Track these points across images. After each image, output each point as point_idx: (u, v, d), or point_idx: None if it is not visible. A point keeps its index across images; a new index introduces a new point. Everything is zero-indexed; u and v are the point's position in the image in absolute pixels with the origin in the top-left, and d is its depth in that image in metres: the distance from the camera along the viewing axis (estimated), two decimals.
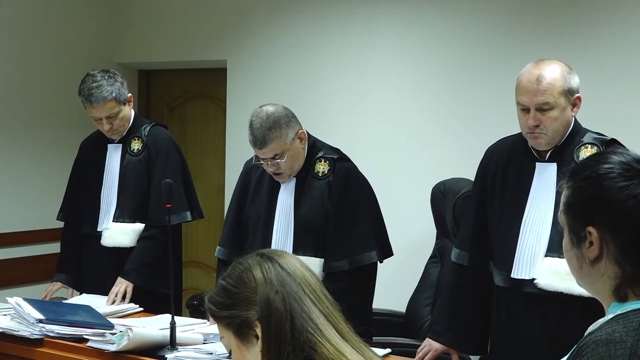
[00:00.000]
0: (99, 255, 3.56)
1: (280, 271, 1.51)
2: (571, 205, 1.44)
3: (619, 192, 1.39)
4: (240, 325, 1.50)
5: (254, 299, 1.49)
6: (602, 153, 1.48)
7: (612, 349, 1.30)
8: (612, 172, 1.41)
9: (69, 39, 5.06)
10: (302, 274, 1.53)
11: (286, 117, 2.97)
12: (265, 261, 1.53)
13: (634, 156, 1.45)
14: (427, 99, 4.40)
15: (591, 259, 1.41)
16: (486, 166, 2.87)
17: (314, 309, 1.48)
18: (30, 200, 4.79)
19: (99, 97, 3.40)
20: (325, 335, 1.46)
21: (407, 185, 4.39)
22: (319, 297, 1.51)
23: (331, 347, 1.45)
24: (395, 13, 4.48)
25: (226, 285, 1.55)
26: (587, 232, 1.40)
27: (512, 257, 2.67)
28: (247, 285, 1.51)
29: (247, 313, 1.49)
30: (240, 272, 1.54)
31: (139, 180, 3.53)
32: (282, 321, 1.46)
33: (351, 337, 1.51)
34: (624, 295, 1.39)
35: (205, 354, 2.57)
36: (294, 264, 1.55)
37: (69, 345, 2.74)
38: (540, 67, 2.63)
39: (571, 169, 1.49)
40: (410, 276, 3.95)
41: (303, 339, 1.44)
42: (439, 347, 2.86)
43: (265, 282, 1.49)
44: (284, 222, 3.04)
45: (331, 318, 1.50)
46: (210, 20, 5.12)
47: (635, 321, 1.33)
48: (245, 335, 1.50)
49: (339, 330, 1.50)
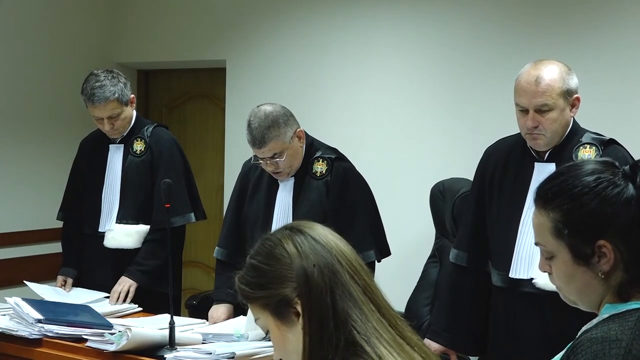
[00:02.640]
0: (100, 256, 3.56)
1: (313, 243, 1.42)
2: (569, 226, 1.40)
3: (619, 198, 1.38)
4: (279, 304, 1.40)
5: (290, 275, 1.39)
6: (572, 169, 1.45)
7: (607, 347, 1.30)
8: (601, 181, 1.40)
9: (68, 39, 5.06)
10: (336, 245, 1.44)
11: (284, 116, 2.97)
12: (296, 234, 1.44)
13: (602, 161, 1.45)
14: (426, 99, 4.40)
15: (606, 272, 1.39)
16: (485, 166, 2.87)
17: (352, 282, 1.40)
18: (30, 200, 4.79)
19: (101, 97, 3.40)
20: (365, 313, 1.38)
21: (406, 185, 4.39)
22: (355, 269, 1.43)
23: (370, 325, 1.37)
24: (395, 13, 4.47)
25: (257, 264, 1.45)
26: (597, 247, 1.38)
27: (511, 257, 2.67)
28: (281, 261, 1.41)
29: (285, 290, 1.39)
30: (270, 248, 1.45)
31: (142, 181, 3.53)
32: (323, 295, 1.36)
33: (389, 312, 1.43)
34: (627, 297, 1.39)
35: (205, 353, 2.57)
36: (326, 235, 1.46)
37: (68, 345, 2.75)
38: (539, 68, 2.63)
39: (543, 195, 1.45)
40: (409, 276, 3.95)
41: (345, 314, 1.36)
42: (438, 348, 2.86)
43: (300, 255, 1.40)
44: (283, 222, 3.04)
45: (369, 291, 1.42)
46: (209, 20, 5.12)
47: (631, 320, 1.33)
48: (285, 315, 1.40)
49: (377, 305, 1.41)
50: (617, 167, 1.43)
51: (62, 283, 3.59)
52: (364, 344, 1.35)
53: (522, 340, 2.67)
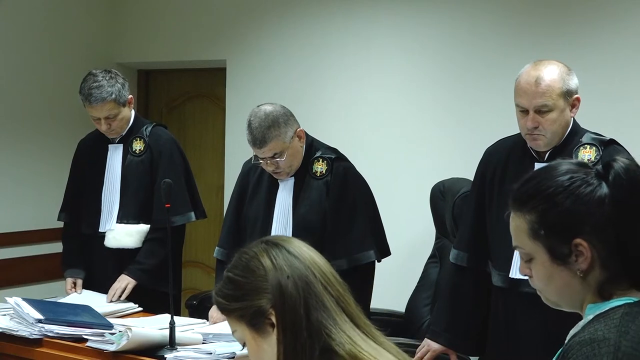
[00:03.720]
0: (101, 256, 3.56)
1: (288, 256, 1.47)
2: (544, 227, 1.42)
3: (592, 196, 1.39)
4: (254, 316, 1.45)
5: (265, 287, 1.44)
6: (547, 170, 1.46)
7: (596, 347, 1.31)
8: (574, 180, 1.41)
9: (68, 39, 5.06)
10: (310, 257, 1.49)
11: (284, 116, 2.98)
12: (271, 247, 1.49)
13: (576, 162, 1.47)
14: (426, 99, 4.40)
15: (584, 270, 1.40)
16: (485, 166, 2.87)
17: (325, 292, 1.44)
18: (30, 200, 4.79)
19: (98, 97, 3.40)
20: (338, 323, 1.42)
21: (406, 185, 4.39)
22: (328, 279, 1.47)
23: (345, 335, 1.42)
24: (395, 13, 4.47)
25: (234, 277, 1.49)
26: (574, 245, 1.40)
27: (511, 257, 2.67)
28: (257, 273, 1.46)
29: (260, 302, 1.44)
30: (246, 261, 1.49)
31: (142, 180, 3.53)
32: (297, 306, 1.41)
33: (362, 321, 1.47)
34: (609, 295, 1.40)
35: (205, 353, 2.57)
36: (301, 248, 1.50)
37: (68, 345, 2.75)
38: (539, 68, 2.62)
39: (518, 197, 1.46)
40: (410, 276, 3.95)
41: (318, 324, 1.41)
42: (438, 348, 2.87)
43: (275, 268, 1.45)
44: (283, 222, 3.05)
45: (342, 302, 1.46)
46: (209, 20, 5.12)
47: (615, 318, 1.34)
48: (260, 325, 1.45)
49: (350, 315, 1.46)
50: (590, 167, 1.45)
51: (72, 285, 3.58)
52: (339, 349, 1.40)
53: (521, 340, 2.67)
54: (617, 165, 1.40)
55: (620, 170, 1.40)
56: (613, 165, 1.41)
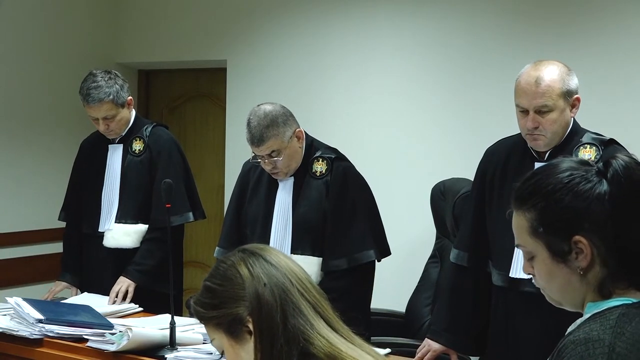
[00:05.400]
0: (100, 256, 3.56)
1: (265, 264, 1.49)
2: (544, 224, 1.42)
3: (592, 192, 1.39)
4: (232, 323, 1.47)
5: (242, 295, 1.46)
6: (547, 168, 1.47)
7: (590, 347, 1.31)
8: (574, 177, 1.41)
9: (69, 39, 5.06)
10: (286, 265, 1.51)
11: (284, 116, 2.98)
12: (249, 256, 1.51)
13: (577, 160, 1.47)
14: (426, 99, 4.40)
15: (584, 267, 1.40)
16: (485, 166, 2.87)
17: (302, 299, 1.46)
18: (30, 200, 4.79)
19: (95, 97, 3.40)
20: (315, 327, 1.44)
21: (406, 185, 4.39)
22: (305, 286, 1.49)
23: (323, 339, 1.43)
24: (395, 13, 4.48)
25: (211, 286, 1.52)
26: (574, 243, 1.39)
27: (511, 257, 2.67)
28: (234, 281, 1.48)
29: (237, 310, 1.46)
30: (224, 270, 1.51)
31: (141, 180, 3.53)
32: (273, 313, 1.43)
33: (339, 325, 1.50)
34: (609, 293, 1.40)
35: (205, 354, 2.57)
36: (278, 256, 1.53)
37: (69, 345, 2.75)
38: (539, 68, 2.62)
39: (519, 195, 1.47)
40: (410, 276, 3.95)
41: (295, 330, 1.43)
42: (438, 348, 2.86)
43: (252, 276, 1.47)
44: (282, 222, 3.05)
45: (319, 307, 1.48)
46: (210, 21, 5.12)
47: (611, 319, 1.34)
48: (238, 333, 1.47)
49: (327, 319, 1.48)
50: (591, 165, 1.45)
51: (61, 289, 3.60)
52: (317, 352, 1.42)
53: (522, 339, 2.67)
54: (616, 163, 1.40)
55: (619, 167, 1.40)
56: (612, 162, 1.41)
